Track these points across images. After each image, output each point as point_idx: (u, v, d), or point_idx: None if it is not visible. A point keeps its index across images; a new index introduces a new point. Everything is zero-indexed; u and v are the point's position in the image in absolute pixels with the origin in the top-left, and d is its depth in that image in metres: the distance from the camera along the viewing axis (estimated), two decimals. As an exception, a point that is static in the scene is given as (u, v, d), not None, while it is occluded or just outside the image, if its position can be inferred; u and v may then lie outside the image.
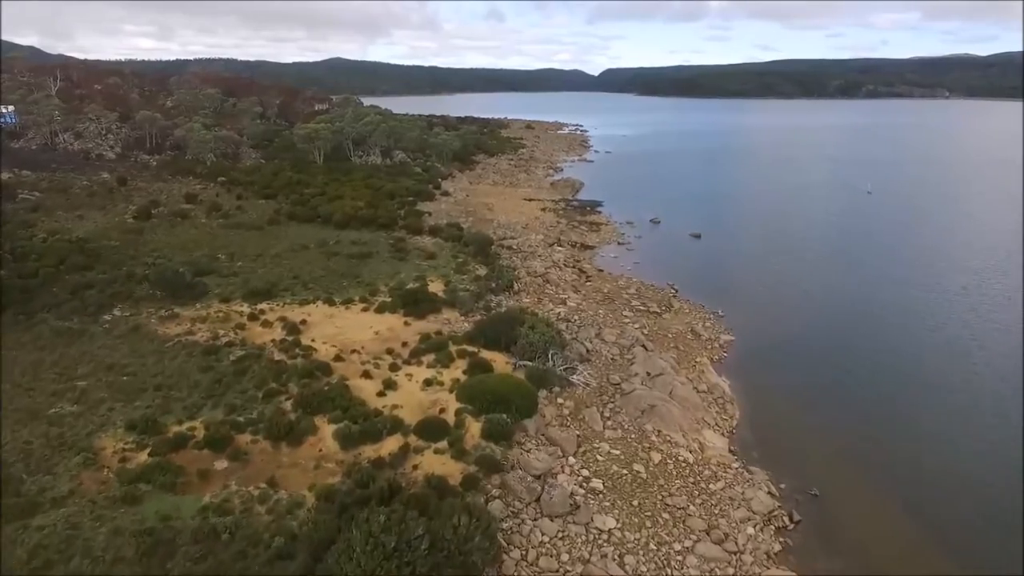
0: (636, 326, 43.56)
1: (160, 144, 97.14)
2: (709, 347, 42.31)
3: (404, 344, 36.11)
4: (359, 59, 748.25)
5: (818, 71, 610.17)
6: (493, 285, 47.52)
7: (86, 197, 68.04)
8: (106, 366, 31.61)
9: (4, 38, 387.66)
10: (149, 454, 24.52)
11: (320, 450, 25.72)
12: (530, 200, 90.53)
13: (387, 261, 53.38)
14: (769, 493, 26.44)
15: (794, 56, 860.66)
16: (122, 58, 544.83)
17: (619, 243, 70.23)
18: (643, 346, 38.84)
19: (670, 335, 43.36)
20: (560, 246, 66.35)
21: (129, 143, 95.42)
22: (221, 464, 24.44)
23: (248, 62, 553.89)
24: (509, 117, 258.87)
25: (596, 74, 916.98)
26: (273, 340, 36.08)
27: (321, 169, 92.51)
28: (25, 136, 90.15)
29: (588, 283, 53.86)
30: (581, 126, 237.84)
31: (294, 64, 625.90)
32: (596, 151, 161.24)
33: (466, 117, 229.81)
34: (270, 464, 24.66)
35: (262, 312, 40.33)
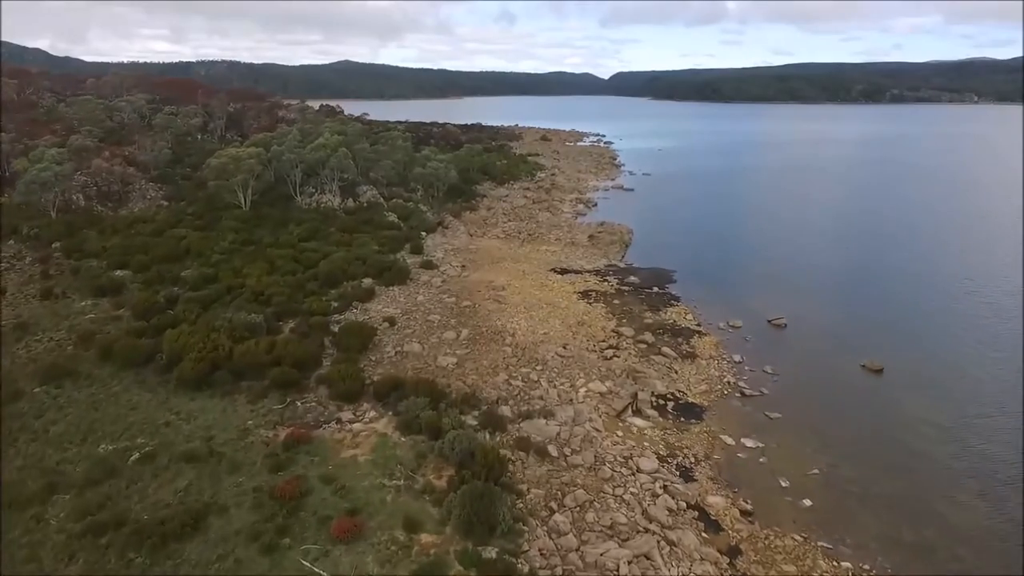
0: None
1: (2, 180, 64.58)
2: None
3: None
4: (369, 62, 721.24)
5: (837, 75, 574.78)
6: None
7: None
8: None
9: (17, 41, 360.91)
10: None
11: None
12: (562, 272, 57.46)
13: (233, 561, 20.27)
14: None
15: (809, 60, 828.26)
16: (126, 60, 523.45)
17: (743, 392, 36.94)
18: None
19: None
20: (638, 415, 33.28)
21: (-46, 179, 62.94)
22: None
23: (253, 64, 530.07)
24: (521, 125, 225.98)
25: (606, 78, 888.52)
26: None
27: (239, 221, 59.56)
28: None
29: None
30: (603, 136, 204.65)
31: (301, 67, 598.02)
32: (631, 172, 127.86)
33: (473, 125, 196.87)
34: None
35: None
